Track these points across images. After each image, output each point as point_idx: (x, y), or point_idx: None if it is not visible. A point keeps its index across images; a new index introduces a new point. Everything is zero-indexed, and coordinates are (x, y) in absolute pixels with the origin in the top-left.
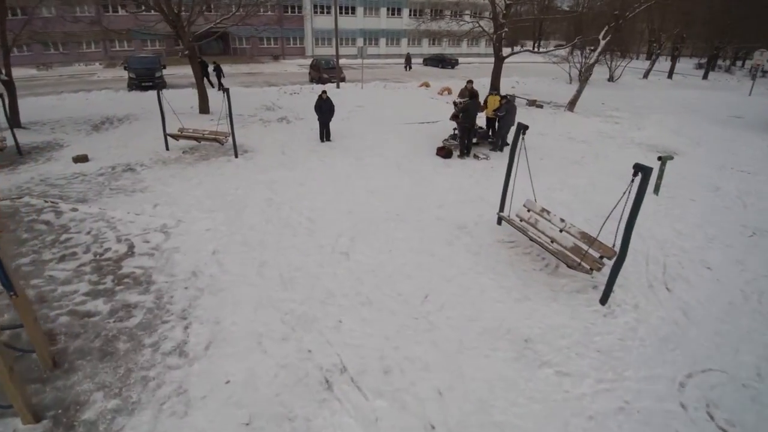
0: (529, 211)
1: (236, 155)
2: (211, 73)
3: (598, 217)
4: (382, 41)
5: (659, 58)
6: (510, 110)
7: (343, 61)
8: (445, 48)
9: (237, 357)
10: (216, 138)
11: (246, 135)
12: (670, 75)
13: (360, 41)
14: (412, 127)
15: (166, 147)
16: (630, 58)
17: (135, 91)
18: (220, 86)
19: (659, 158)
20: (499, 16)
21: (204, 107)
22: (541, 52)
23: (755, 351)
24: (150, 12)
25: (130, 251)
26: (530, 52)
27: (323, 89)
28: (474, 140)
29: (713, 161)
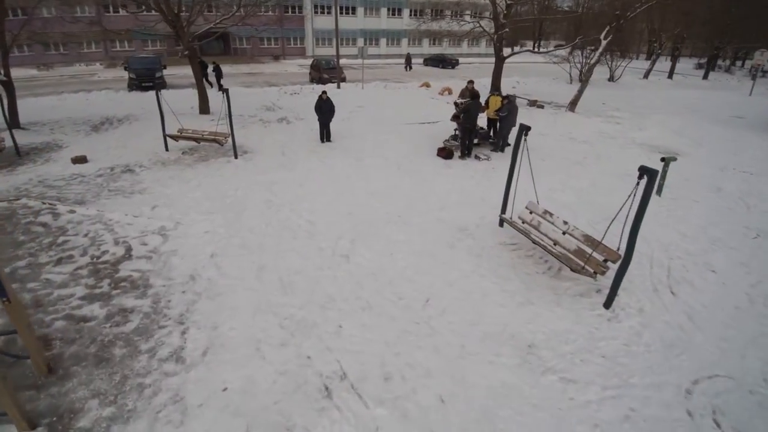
0: (531, 213)
1: (236, 156)
2: (210, 73)
3: (600, 218)
4: (383, 41)
5: (659, 58)
6: (512, 110)
7: (343, 62)
8: (445, 48)
9: (235, 363)
10: (215, 139)
11: (246, 136)
12: (671, 75)
13: (360, 41)
14: (413, 127)
15: (166, 148)
16: (630, 58)
17: (135, 91)
18: (219, 87)
19: (662, 159)
20: (499, 16)
21: (204, 107)
22: (542, 53)
23: (762, 356)
24: (150, 12)
25: (127, 254)
26: (531, 52)
27: (323, 89)
28: (475, 141)
29: (715, 162)
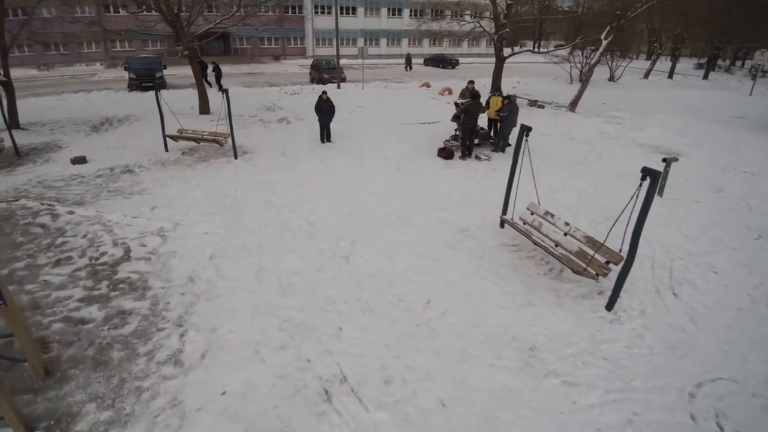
0: (532, 214)
1: (236, 156)
2: (209, 73)
3: (602, 219)
4: (383, 41)
5: (659, 58)
6: (512, 110)
7: (343, 62)
8: (445, 48)
9: (234, 366)
10: (215, 139)
11: (246, 136)
12: (671, 75)
13: (361, 41)
14: (413, 127)
15: (165, 148)
16: (630, 58)
17: (135, 91)
18: (219, 87)
19: (664, 160)
20: (500, 16)
21: (204, 108)
22: (542, 53)
23: (765, 359)
24: (150, 12)
25: (126, 255)
26: (531, 53)
27: (324, 90)
28: (476, 141)
29: (716, 162)
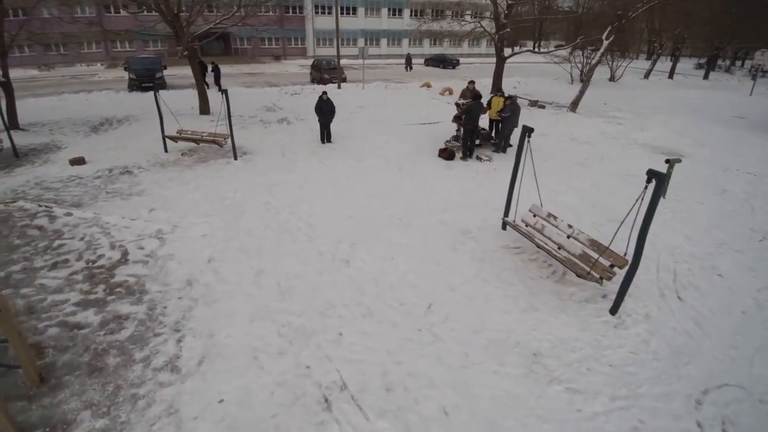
0: (535, 216)
1: (235, 157)
2: (209, 73)
3: (604, 220)
4: (383, 41)
5: (660, 58)
6: (514, 111)
7: (344, 62)
8: (446, 48)
9: (231, 373)
10: (215, 140)
11: (246, 136)
12: (671, 75)
13: (361, 41)
14: (414, 128)
15: (165, 149)
16: (631, 59)
17: (135, 91)
18: (219, 88)
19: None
20: (500, 16)
21: (204, 108)
22: (543, 53)
23: None
24: (150, 13)
25: (123, 258)
26: (531, 53)
27: (324, 90)
28: (477, 142)
29: (718, 163)
